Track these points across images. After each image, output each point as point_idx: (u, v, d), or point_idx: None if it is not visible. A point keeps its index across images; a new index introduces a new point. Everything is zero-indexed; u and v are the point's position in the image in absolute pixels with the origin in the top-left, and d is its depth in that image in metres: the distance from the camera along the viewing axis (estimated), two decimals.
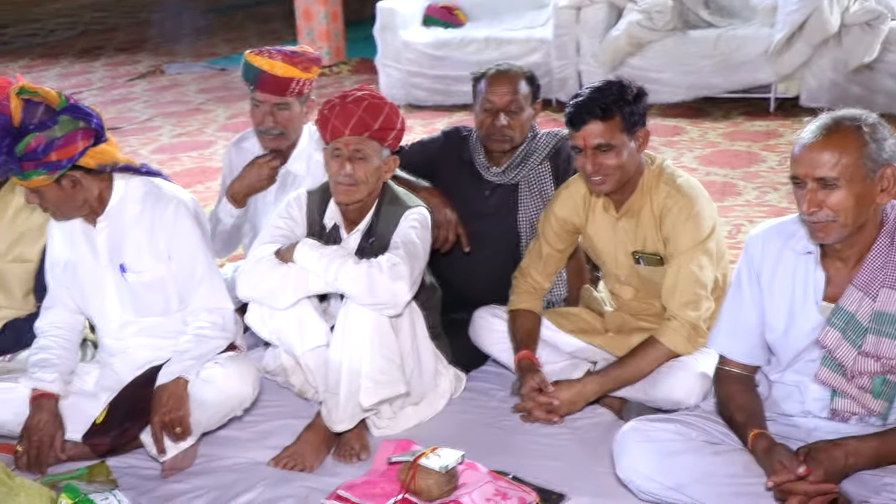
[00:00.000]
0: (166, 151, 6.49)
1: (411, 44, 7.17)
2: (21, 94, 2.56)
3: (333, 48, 8.76)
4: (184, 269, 2.86)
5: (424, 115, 7.01)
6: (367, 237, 2.89)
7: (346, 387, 2.73)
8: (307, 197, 2.99)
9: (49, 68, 9.83)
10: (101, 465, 2.73)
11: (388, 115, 2.80)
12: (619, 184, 2.77)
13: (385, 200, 2.91)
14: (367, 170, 2.79)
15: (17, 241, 3.14)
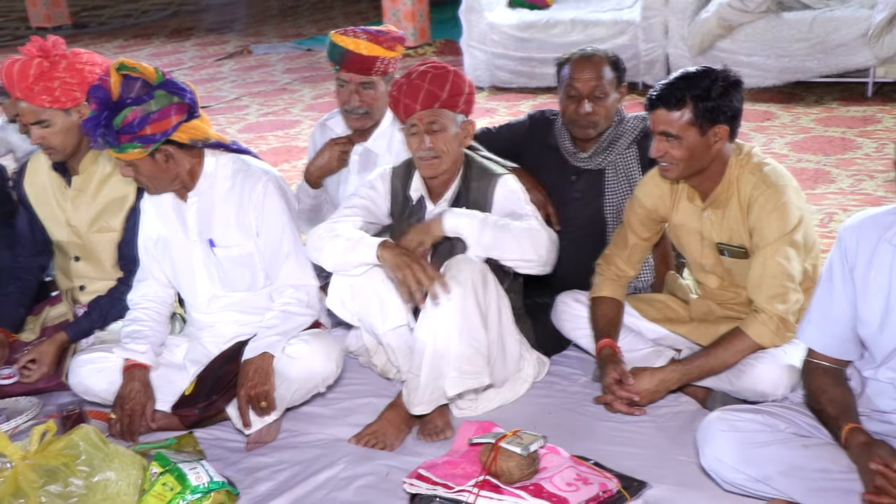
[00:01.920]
0: (253, 130, 6.59)
1: (497, 25, 7.14)
2: (120, 69, 2.64)
3: (418, 29, 8.77)
4: (271, 245, 2.91)
5: (509, 98, 6.97)
6: (455, 205, 2.90)
7: (429, 371, 2.74)
8: (391, 172, 3.03)
9: (142, 48, 10.07)
10: (189, 436, 2.80)
11: (454, 82, 2.83)
12: (685, 173, 2.72)
13: (472, 169, 2.94)
14: (446, 139, 2.83)
15: (102, 212, 3.23)
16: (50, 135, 3.05)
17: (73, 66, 3.00)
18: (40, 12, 11.30)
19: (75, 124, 3.07)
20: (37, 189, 3.30)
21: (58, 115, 3.03)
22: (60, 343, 3.18)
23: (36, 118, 3.03)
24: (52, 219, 3.30)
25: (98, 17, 12.27)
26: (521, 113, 6.41)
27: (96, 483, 2.34)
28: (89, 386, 2.96)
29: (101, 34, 11.12)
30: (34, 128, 3.05)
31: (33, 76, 2.96)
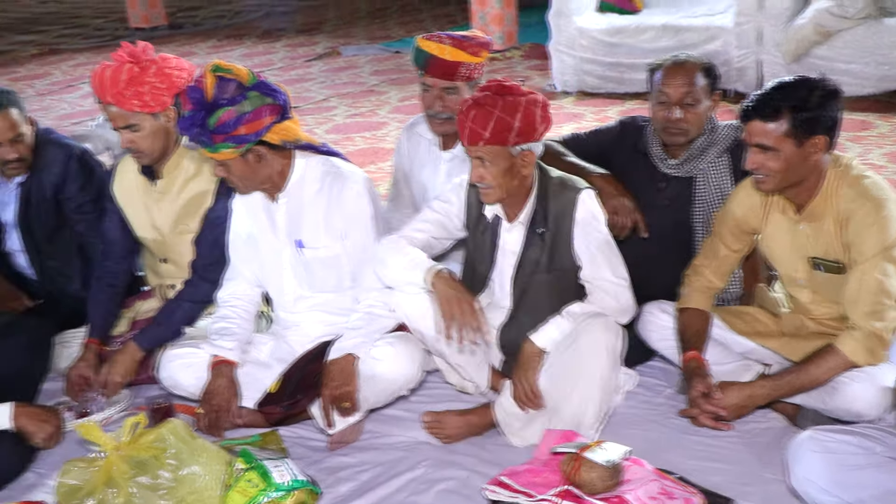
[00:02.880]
0: (340, 131, 6.66)
1: (585, 30, 7.08)
2: (215, 70, 2.70)
3: (506, 33, 8.76)
4: (357, 247, 2.94)
5: (596, 103, 6.91)
6: (532, 227, 2.87)
7: (547, 421, 2.74)
8: (467, 185, 2.97)
9: (234, 48, 10.26)
10: (273, 434, 2.84)
11: (500, 121, 2.68)
12: (780, 185, 2.65)
13: (548, 187, 2.87)
14: (495, 173, 2.74)
15: (184, 215, 3.28)
16: (139, 139, 3.12)
17: (163, 71, 3.06)
18: (139, 13, 11.61)
19: (163, 128, 3.14)
20: (125, 191, 3.38)
21: (146, 119, 3.09)
22: (133, 355, 3.22)
23: (125, 122, 3.10)
24: (138, 220, 3.38)
25: (193, 18, 12.55)
26: (608, 118, 6.39)
27: (184, 476, 2.39)
28: (178, 380, 3.03)
29: (196, 34, 11.37)
30: (123, 132, 3.13)
31: (124, 81, 3.02)
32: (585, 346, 2.70)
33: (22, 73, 9.69)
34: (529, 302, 2.91)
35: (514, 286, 2.91)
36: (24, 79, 9.26)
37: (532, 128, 2.73)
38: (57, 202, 3.62)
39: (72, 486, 2.38)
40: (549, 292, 2.88)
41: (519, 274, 2.90)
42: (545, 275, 2.88)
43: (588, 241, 2.84)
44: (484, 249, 2.94)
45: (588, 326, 2.73)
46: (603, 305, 2.80)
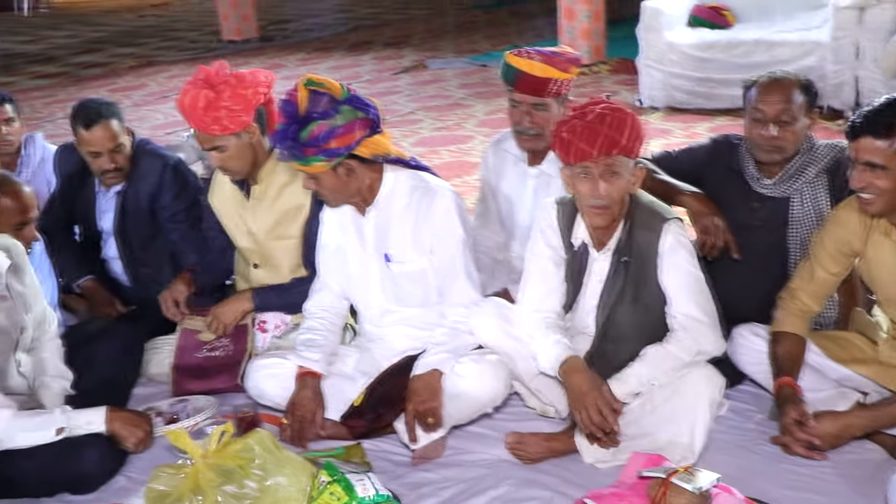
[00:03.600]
0: (426, 144, 6.68)
1: (675, 45, 6.98)
2: (308, 84, 2.73)
3: (593, 47, 8.69)
4: (445, 263, 2.93)
5: (685, 119, 6.80)
6: (618, 256, 2.79)
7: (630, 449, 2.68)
8: (557, 211, 2.88)
9: (323, 61, 10.40)
10: (357, 447, 2.85)
11: (633, 126, 2.63)
12: (889, 206, 2.56)
13: (637, 214, 2.76)
14: (620, 187, 2.66)
15: (280, 220, 3.34)
16: (226, 158, 3.21)
17: (237, 92, 3.12)
18: (231, 26, 11.88)
19: (248, 145, 3.21)
20: (221, 200, 3.46)
21: (230, 139, 3.17)
22: (244, 304, 3.37)
23: (211, 145, 3.19)
24: (234, 228, 3.45)
25: (283, 31, 12.79)
26: (697, 135, 6.28)
27: (269, 487, 2.41)
28: (264, 390, 3.06)
29: (286, 47, 11.57)
30: (212, 153, 3.23)
31: (201, 108, 3.11)
32: (688, 397, 2.64)
33: (120, 84, 9.99)
34: (614, 333, 2.82)
35: (599, 315, 2.84)
36: (122, 90, 9.54)
37: (644, 141, 2.71)
38: (152, 211, 3.72)
39: (160, 491, 2.42)
40: (634, 323, 2.80)
41: (603, 303, 2.82)
42: (630, 306, 2.79)
43: (673, 274, 2.73)
44: (572, 272, 2.89)
45: (690, 378, 2.65)
46: (684, 347, 2.69)
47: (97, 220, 3.84)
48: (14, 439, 2.73)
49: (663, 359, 2.69)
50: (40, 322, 3.07)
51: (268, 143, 3.29)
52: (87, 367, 3.18)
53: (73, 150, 3.76)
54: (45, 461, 2.74)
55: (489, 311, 2.89)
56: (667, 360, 2.69)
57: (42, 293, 3.13)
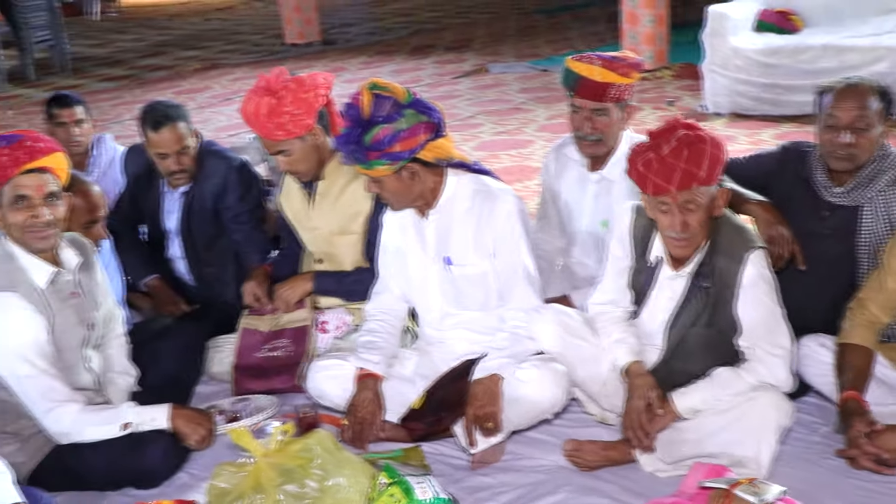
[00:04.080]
0: (486, 149, 6.68)
1: (741, 50, 6.88)
2: (372, 88, 2.75)
3: (656, 52, 8.60)
4: (506, 267, 2.92)
5: (749, 125, 6.70)
6: (697, 279, 2.71)
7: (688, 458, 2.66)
8: (632, 219, 2.85)
9: (384, 64, 10.46)
10: (416, 450, 2.86)
11: (713, 155, 2.54)
12: None
13: (720, 238, 2.68)
14: (700, 218, 2.60)
15: (344, 216, 3.38)
16: (292, 161, 3.26)
17: (298, 97, 3.16)
18: (294, 30, 12.01)
19: (313, 146, 3.26)
20: (288, 199, 3.51)
21: (294, 143, 3.22)
22: (305, 285, 3.43)
23: (277, 149, 3.25)
24: (299, 225, 3.50)
25: (345, 35, 12.89)
26: (762, 141, 6.19)
27: (329, 487, 2.43)
28: (324, 391, 3.09)
29: (347, 50, 11.66)
30: (279, 157, 3.28)
31: (264, 115, 3.15)
32: (754, 421, 2.58)
33: (185, 86, 10.16)
34: (684, 352, 2.78)
35: (670, 335, 2.80)
36: (187, 92, 9.70)
37: (725, 160, 2.61)
38: (216, 212, 3.78)
39: (222, 488, 2.46)
40: (705, 346, 2.75)
41: (676, 324, 2.78)
42: (704, 329, 2.74)
43: (751, 308, 2.66)
44: (637, 282, 2.86)
45: (758, 403, 2.60)
46: (755, 376, 2.64)
47: (163, 220, 3.91)
48: (82, 433, 2.79)
49: (731, 382, 2.65)
50: (108, 319, 3.14)
51: (331, 142, 3.33)
52: (151, 365, 3.25)
53: (141, 151, 3.83)
54: (112, 456, 2.79)
55: (550, 318, 2.88)
56: (734, 385, 2.65)
57: (110, 291, 3.19)
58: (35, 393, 2.75)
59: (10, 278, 2.76)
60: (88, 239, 3.11)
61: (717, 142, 2.58)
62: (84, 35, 15.17)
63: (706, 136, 2.57)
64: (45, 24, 11.06)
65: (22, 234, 2.76)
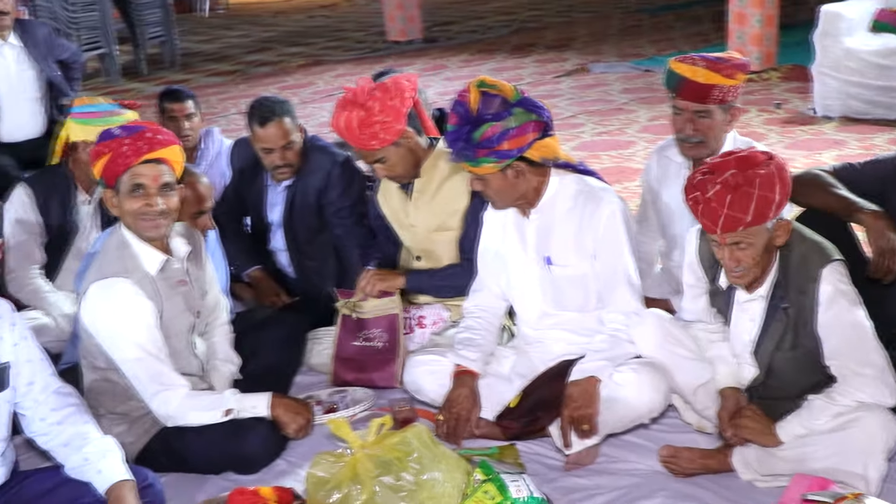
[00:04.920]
0: (587, 149, 6.63)
1: (855, 51, 6.65)
2: (481, 86, 2.75)
3: (764, 53, 8.39)
4: (607, 269, 2.90)
5: (862, 129, 6.48)
6: (774, 302, 2.63)
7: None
8: (698, 244, 2.77)
9: (484, 63, 10.47)
10: (511, 448, 2.86)
11: (761, 199, 2.42)
12: None
13: (792, 256, 2.58)
14: (754, 254, 2.51)
15: (441, 213, 3.40)
16: (390, 167, 3.31)
17: (386, 104, 3.19)
18: (396, 27, 12.11)
19: (407, 149, 3.30)
20: (386, 197, 3.54)
21: (389, 150, 3.25)
22: (398, 279, 3.44)
23: (373, 158, 3.29)
24: (397, 222, 3.53)
25: (446, 33, 12.94)
26: (874, 146, 5.98)
27: (425, 481, 2.45)
28: (421, 386, 3.12)
29: (448, 48, 11.70)
30: (376, 166, 3.32)
31: (357, 127, 3.20)
32: (860, 442, 2.49)
33: (289, 82, 10.35)
34: (777, 375, 2.70)
35: (758, 359, 2.72)
36: (291, 87, 9.88)
37: (788, 194, 2.49)
38: (319, 206, 3.85)
39: (320, 477, 2.50)
40: (796, 369, 2.66)
41: (760, 348, 2.70)
42: (790, 352, 2.64)
43: (833, 327, 2.54)
44: (718, 305, 2.80)
45: (863, 423, 2.50)
46: (850, 397, 2.52)
47: (267, 213, 4.00)
48: (186, 417, 2.88)
49: (826, 409, 2.56)
50: (213, 307, 3.22)
51: (425, 140, 3.36)
52: (252, 354, 3.33)
53: (248, 145, 3.92)
54: (214, 440, 2.87)
55: (651, 322, 2.84)
56: (829, 410, 2.55)
57: (216, 280, 3.28)
58: (144, 376, 2.85)
59: (123, 265, 2.86)
60: (196, 229, 3.20)
61: (770, 181, 2.44)
62: (193, 31, 15.58)
63: (755, 176, 2.43)
64: (157, 20, 11.41)
65: (136, 221, 2.86)
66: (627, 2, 14.36)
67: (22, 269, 3.83)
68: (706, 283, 2.79)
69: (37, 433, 2.57)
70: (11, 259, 3.79)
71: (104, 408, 2.93)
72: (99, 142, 2.88)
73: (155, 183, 2.84)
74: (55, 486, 2.51)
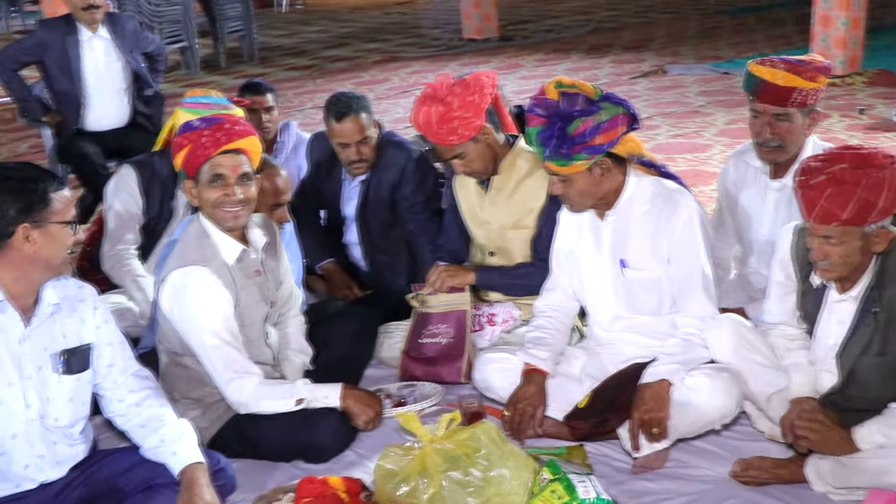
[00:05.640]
0: (662, 151, 6.55)
1: None
2: (559, 86, 2.74)
3: (849, 57, 8.20)
4: (682, 274, 2.87)
5: None
6: (866, 306, 2.55)
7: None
8: (793, 240, 2.71)
9: (560, 62, 10.42)
10: (580, 448, 2.85)
11: (862, 200, 2.36)
12: None
13: (889, 261, 2.51)
14: (843, 252, 2.45)
15: (517, 211, 3.41)
16: (468, 163, 3.33)
17: (465, 100, 3.21)
18: (473, 25, 12.13)
19: (486, 145, 3.31)
20: (463, 191, 3.56)
21: (468, 145, 3.27)
22: (468, 275, 3.47)
23: (451, 154, 3.31)
24: (472, 219, 3.54)
25: (522, 31, 12.91)
26: None
27: (492, 477, 2.45)
28: (491, 383, 3.13)
29: (524, 47, 11.67)
30: (455, 161, 3.34)
31: (435, 124, 3.22)
32: None
33: (365, 77, 10.44)
34: (858, 381, 2.63)
35: (841, 362, 2.65)
36: (367, 83, 9.97)
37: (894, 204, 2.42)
38: (392, 201, 3.88)
39: (389, 470, 2.52)
40: (880, 376, 2.59)
41: (845, 352, 2.63)
42: (876, 358, 2.57)
43: None
44: (806, 304, 2.75)
45: None
46: None
47: (341, 207, 4.05)
48: (259, 404, 2.93)
49: None
50: (287, 298, 3.27)
51: (503, 137, 3.37)
52: (324, 345, 3.37)
53: (325, 139, 3.97)
54: (286, 428, 2.92)
55: (727, 327, 2.80)
56: None
57: (291, 271, 3.33)
58: (219, 363, 2.91)
59: (202, 253, 2.92)
60: (273, 221, 3.26)
61: (878, 185, 2.36)
62: (271, 26, 15.81)
63: (864, 176, 2.36)
64: (238, 15, 11.62)
65: (215, 211, 2.92)
66: (707, 3, 14.17)
67: (120, 248, 3.90)
68: (796, 282, 2.73)
69: (115, 414, 2.65)
70: (110, 237, 3.88)
71: (179, 392, 2.99)
72: (179, 133, 2.95)
73: (234, 173, 2.90)
74: (132, 466, 2.59)
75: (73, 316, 2.53)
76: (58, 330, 2.49)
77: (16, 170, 2.40)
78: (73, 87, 5.38)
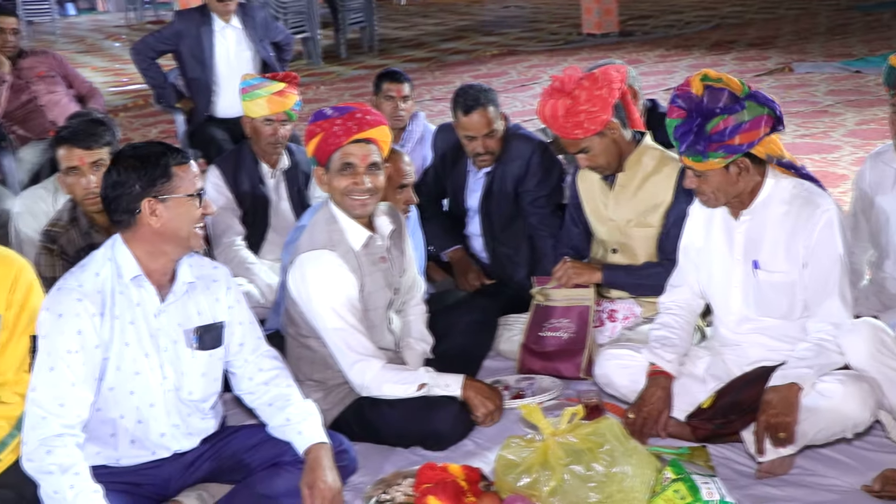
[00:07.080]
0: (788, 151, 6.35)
1: None
2: (705, 80, 2.70)
3: None
4: (817, 279, 2.78)
5: None
6: None
7: None
8: None
9: (681, 59, 10.23)
10: (702, 450, 2.80)
11: None
12: None
13: None
14: None
15: (642, 209, 3.38)
16: (593, 157, 3.31)
17: (592, 94, 3.19)
18: (592, 20, 12.01)
19: (611, 141, 3.29)
20: (586, 186, 3.54)
21: (593, 140, 3.26)
22: (594, 273, 3.46)
23: (577, 148, 3.30)
24: (595, 214, 3.52)
25: (643, 27, 12.72)
26: None
27: (614, 474, 2.44)
28: (612, 380, 3.10)
29: (644, 43, 11.50)
30: (579, 156, 3.32)
31: (562, 116, 3.21)
32: None
33: (483, 70, 10.46)
34: None
35: None
36: (485, 76, 9.98)
37: None
38: (516, 194, 3.89)
39: (510, 460, 2.53)
40: None
41: None
42: None
43: None
44: None
45: None
46: None
47: (465, 198, 4.07)
48: (381, 388, 2.98)
49: None
50: (410, 286, 3.32)
51: (629, 134, 3.33)
52: (444, 335, 3.40)
53: (451, 130, 4.00)
54: (406, 413, 2.96)
55: (865, 332, 2.70)
56: None
57: (414, 260, 3.37)
58: (343, 345, 2.97)
59: (330, 238, 2.99)
60: (399, 202, 3.31)
61: None
62: (391, 18, 16.00)
63: None
64: (359, 7, 11.81)
65: (343, 198, 2.98)
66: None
67: (227, 241, 4.09)
68: None
69: (244, 391, 2.74)
70: (213, 236, 4.07)
71: (302, 374, 3.07)
72: (312, 122, 3.03)
73: (363, 162, 2.95)
74: (259, 443, 2.67)
75: (208, 294, 2.62)
76: (192, 307, 2.59)
77: (140, 148, 2.50)
78: (204, 74, 5.59)
